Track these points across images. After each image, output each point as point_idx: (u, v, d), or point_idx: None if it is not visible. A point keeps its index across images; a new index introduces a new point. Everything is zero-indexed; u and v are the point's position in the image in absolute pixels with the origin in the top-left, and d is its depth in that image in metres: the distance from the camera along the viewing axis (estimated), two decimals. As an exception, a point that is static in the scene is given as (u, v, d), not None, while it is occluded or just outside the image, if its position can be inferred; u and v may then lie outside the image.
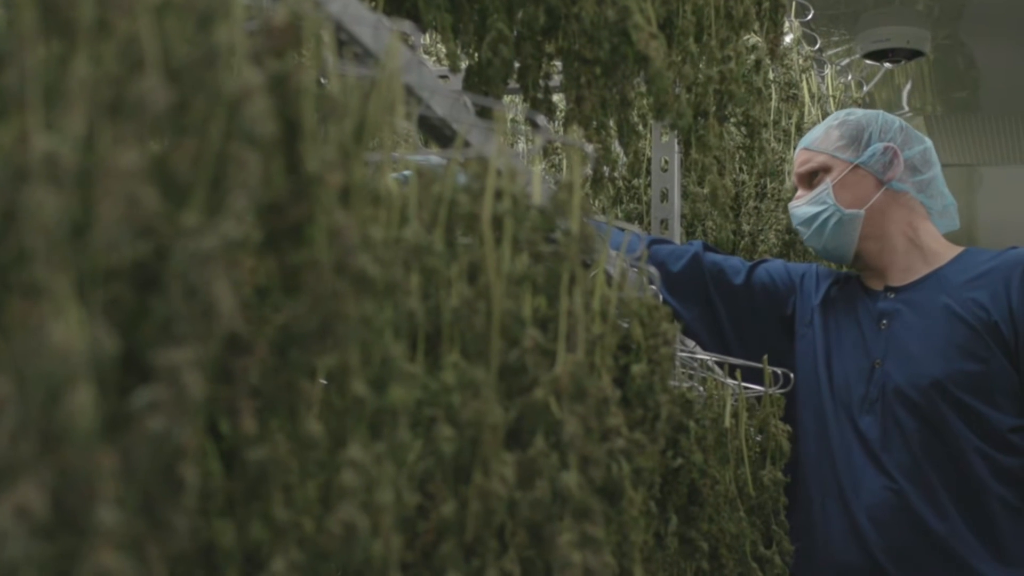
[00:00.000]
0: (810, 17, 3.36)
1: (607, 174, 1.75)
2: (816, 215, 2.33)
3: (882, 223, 2.33)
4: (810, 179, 2.37)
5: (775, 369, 2.12)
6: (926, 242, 2.35)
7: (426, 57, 3.07)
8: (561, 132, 1.58)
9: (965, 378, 2.15)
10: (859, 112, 2.42)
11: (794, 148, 3.16)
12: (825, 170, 2.35)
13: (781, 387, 2.13)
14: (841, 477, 2.23)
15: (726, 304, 2.43)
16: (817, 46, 3.45)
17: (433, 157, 1.22)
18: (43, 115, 0.68)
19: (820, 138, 2.38)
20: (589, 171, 1.68)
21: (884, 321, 2.29)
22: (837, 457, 2.25)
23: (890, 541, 2.15)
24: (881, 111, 2.44)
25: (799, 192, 2.39)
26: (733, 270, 2.45)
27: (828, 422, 2.29)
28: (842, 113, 2.43)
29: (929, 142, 2.42)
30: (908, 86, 5.82)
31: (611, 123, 1.64)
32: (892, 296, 2.31)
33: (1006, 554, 2.14)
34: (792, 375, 2.23)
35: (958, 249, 2.37)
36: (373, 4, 1.45)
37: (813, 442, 2.30)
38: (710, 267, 2.43)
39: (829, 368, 2.33)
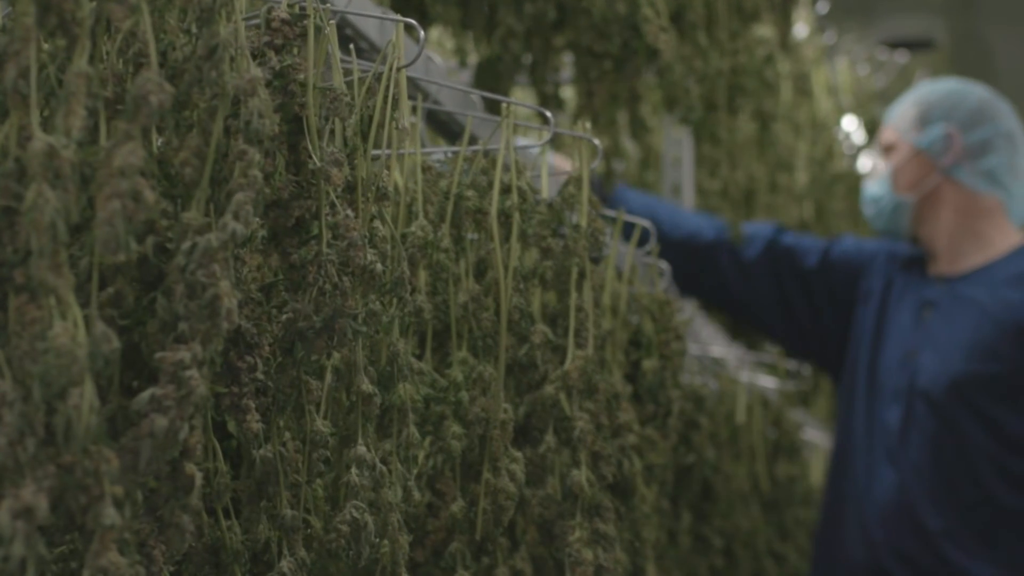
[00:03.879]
0: (824, 10, 3.34)
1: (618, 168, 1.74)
2: (878, 198, 2.25)
3: (935, 210, 2.22)
4: (885, 155, 2.27)
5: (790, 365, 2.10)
6: (984, 232, 2.22)
7: (436, 55, 3.06)
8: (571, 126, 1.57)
9: (984, 379, 2.09)
10: (938, 86, 2.30)
11: (807, 142, 3.14)
12: (892, 148, 2.25)
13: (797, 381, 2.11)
14: (858, 471, 2.19)
15: (800, 288, 2.35)
16: (831, 38, 3.43)
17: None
18: (44, 112, 0.68)
19: (897, 112, 2.27)
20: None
21: (926, 312, 2.20)
22: (857, 449, 2.20)
23: (893, 541, 2.11)
24: (966, 84, 2.30)
25: (880, 166, 2.30)
26: (806, 252, 2.36)
27: (856, 412, 2.22)
28: (926, 85, 2.31)
29: (1009, 124, 2.24)
30: (925, 78, 5.79)
31: (622, 117, 1.63)
32: (940, 286, 2.21)
33: (1005, 561, 2.08)
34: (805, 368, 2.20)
35: (1019, 242, 2.22)
36: (381, -1, 1.44)
37: (841, 432, 2.26)
38: (783, 252, 2.35)
39: (873, 354, 2.23)
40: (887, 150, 2.26)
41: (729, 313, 2.53)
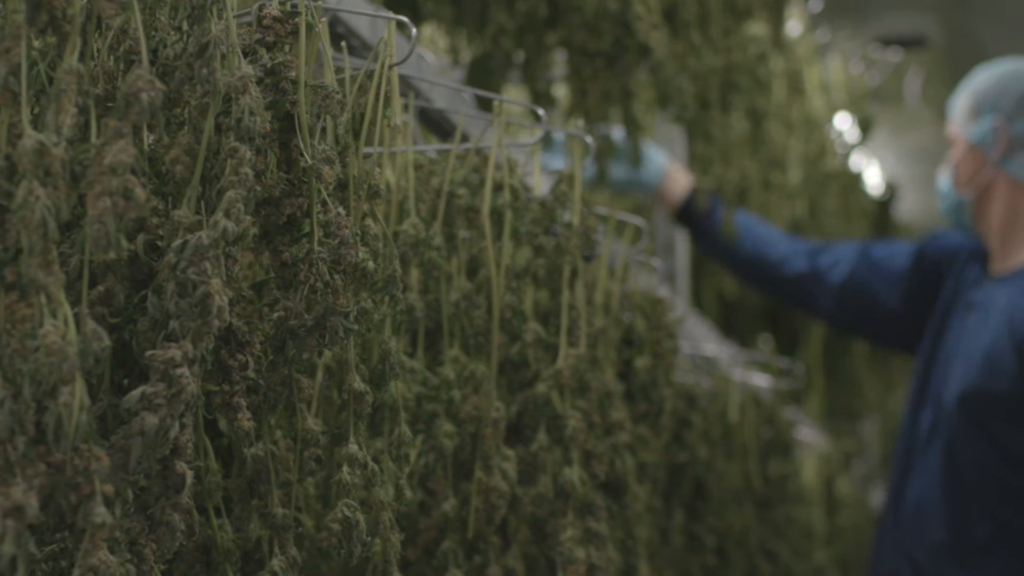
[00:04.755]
0: (817, 8, 3.34)
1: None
2: (944, 195, 2.17)
3: (988, 206, 2.12)
4: (950, 149, 2.19)
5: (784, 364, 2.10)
6: None
7: (428, 52, 3.05)
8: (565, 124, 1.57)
9: (989, 396, 2.01)
10: (989, 73, 2.17)
11: (800, 140, 3.14)
12: (953, 143, 2.17)
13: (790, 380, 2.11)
14: (895, 475, 2.14)
15: (895, 293, 2.29)
16: (824, 36, 3.43)
17: None
18: (34, 109, 0.68)
19: (955, 104, 2.18)
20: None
21: (968, 313, 2.12)
22: (900, 450, 2.15)
23: (907, 547, 2.07)
24: (1018, 66, 2.16)
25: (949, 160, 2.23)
26: (895, 256, 2.31)
27: (907, 412, 2.17)
28: (980, 72, 2.19)
29: None
30: (919, 75, 5.80)
31: (615, 114, 1.63)
32: (987, 286, 2.12)
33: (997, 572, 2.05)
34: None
35: None
36: (373, -3, 1.44)
37: (899, 434, 2.21)
38: (872, 267, 2.30)
39: (931, 353, 2.17)
40: (950, 144, 2.18)
41: (821, 321, 2.65)
